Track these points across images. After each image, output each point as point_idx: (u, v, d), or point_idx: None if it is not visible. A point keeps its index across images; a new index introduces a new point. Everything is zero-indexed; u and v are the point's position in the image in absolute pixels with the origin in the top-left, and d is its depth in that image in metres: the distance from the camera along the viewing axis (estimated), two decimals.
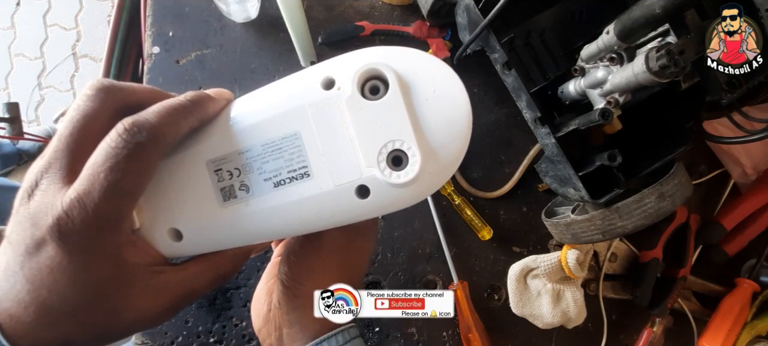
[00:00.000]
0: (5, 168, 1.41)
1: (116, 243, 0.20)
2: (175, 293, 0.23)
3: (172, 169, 0.23)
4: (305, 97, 0.21)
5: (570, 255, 0.51)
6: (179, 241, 0.23)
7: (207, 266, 0.24)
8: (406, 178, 0.20)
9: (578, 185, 0.44)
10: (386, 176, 0.20)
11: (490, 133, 0.57)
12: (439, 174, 0.21)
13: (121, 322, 0.21)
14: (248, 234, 0.23)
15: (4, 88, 1.57)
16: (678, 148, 0.44)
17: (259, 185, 0.21)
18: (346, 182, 0.21)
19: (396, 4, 0.58)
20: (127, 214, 0.21)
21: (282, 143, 0.21)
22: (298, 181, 0.21)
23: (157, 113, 0.20)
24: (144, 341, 0.51)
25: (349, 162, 0.21)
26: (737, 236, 0.58)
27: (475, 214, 0.54)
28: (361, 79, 0.21)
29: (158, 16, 0.57)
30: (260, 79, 0.55)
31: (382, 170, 0.20)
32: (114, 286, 0.21)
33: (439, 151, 0.20)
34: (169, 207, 0.23)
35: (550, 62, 0.49)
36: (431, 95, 0.20)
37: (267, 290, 0.31)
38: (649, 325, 0.56)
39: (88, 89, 0.21)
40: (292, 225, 0.22)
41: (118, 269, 0.21)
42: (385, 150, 0.20)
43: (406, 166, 0.20)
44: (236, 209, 0.22)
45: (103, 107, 0.21)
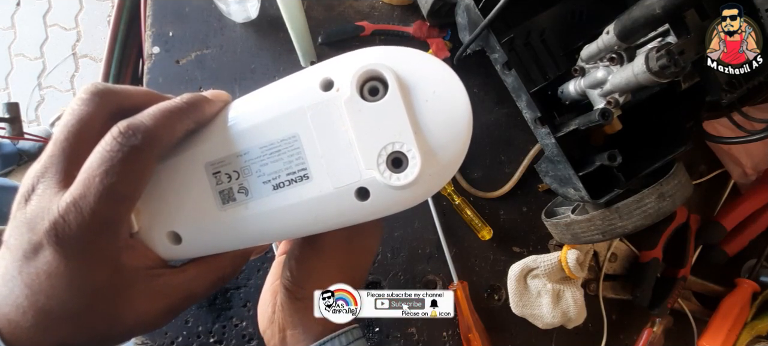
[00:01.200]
0: (5, 168, 1.41)
1: (114, 247, 0.20)
2: (175, 296, 0.23)
3: (170, 171, 0.23)
4: (304, 99, 0.21)
5: (570, 255, 0.51)
6: (178, 244, 0.23)
7: (206, 269, 0.24)
8: (406, 180, 0.20)
9: (578, 185, 0.44)
10: (386, 178, 0.20)
11: (490, 133, 0.57)
12: (439, 175, 0.21)
13: (120, 326, 0.21)
14: (248, 237, 0.23)
15: (4, 88, 1.57)
16: (678, 148, 0.44)
17: (258, 188, 0.21)
18: (345, 184, 0.20)
19: (396, 4, 0.58)
20: (124, 218, 0.21)
21: (281, 146, 0.21)
22: (297, 183, 0.21)
23: (153, 116, 0.20)
24: (144, 342, 0.51)
25: (349, 164, 0.20)
26: (737, 236, 0.58)
27: (475, 214, 0.54)
28: (359, 80, 0.20)
29: (158, 16, 0.57)
30: (260, 79, 0.55)
31: (382, 173, 0.20)
32: (112, 290, 0.21)
33: (439, 152, 0.20)
34: (167, 210, 0.23)
35: (550, 62, 0.49)
36: (431, 96, 0.20)
37: (272, 291, 0.31)
38: (649, 325, 0.56)
39: (82, 93, 0.21)
40: (292, 228, 0.22)
41: (117, 273, 0.21)
42: (385, 152, 0.20)
43: (406, 168, 0.20)
44: (235, 211, 0.22)
45: (98, 111, 0.21)
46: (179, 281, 0.23)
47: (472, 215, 0.54)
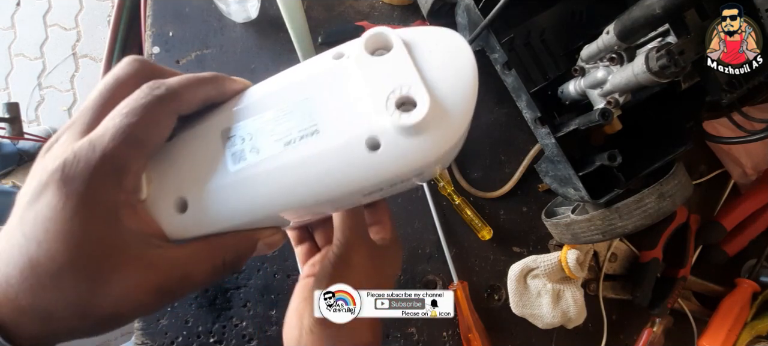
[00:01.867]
0: (5, 168, 1.41)
1: (115, 199, 0.20)
2: (168, 273, 0.21)
3: (186, 141, 0.23)
4: (316, 68, 0.23)
5: (570, 255, 0.51)
6: (183, 212, 0.22)
7: (207, 248, 0.23)
8: (416, 118, 0.20)
9: (578, 185, 0.44)
10: (395, 119, 0.20)
11: (490, 133, 0.57)
12: (449, 125, 0.21)
13: (103, 294, 0.20)
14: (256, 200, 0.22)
15: (4, 88, 1.57)
16: (678, 148, 0.44)
17: (268, 146, 0.22)
18: (355, 134, 0.21)
19: (396, 4, 0.58)
20: (133, 167, 0.20)
21: (293, 107, 0.22)
22: (308, 138, 0.21)
23: (178, 78, 0.22)
24: (144, 342, 0.51)
25: (358, 114, 0.21)
26: (737, 236, 0.58)
27: (475, 214, 0.55)
28: (367, 46, 0.22)
29: (158, 16, 0.57)
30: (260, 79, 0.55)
31: (391, 114, 0.20)
32: (103, 248, 0.19)
33: (447, 97, 0.21)
34: (178, 176, 0.22)
35: (550, 62, 0.49)
36: (434, 47, 0.21)
37: (298, 313, 0.30)
38: (649, 325, 0.56)
39: (124, 60, 0.22)
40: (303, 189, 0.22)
41: (112, 228, 0.20)
42: (393, 96, 0.20)
43: (414, 109, 0.20)
44: (245, 170, 0.22)
45: (135, 75, 0.22)
46: (175, 256, 0.21)
47: (472, 215, 0.54)
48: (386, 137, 0.20)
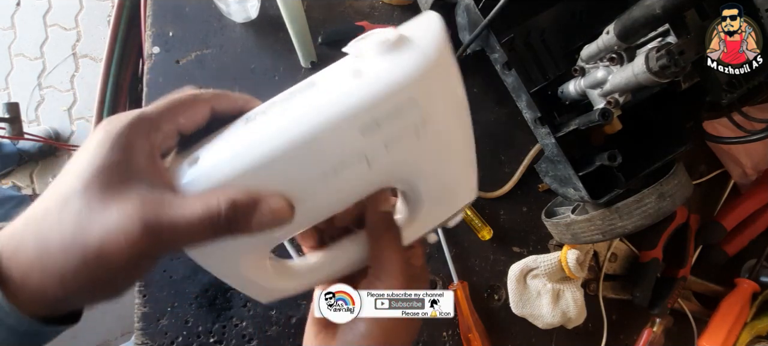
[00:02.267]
0: (5, 168, 1.41)
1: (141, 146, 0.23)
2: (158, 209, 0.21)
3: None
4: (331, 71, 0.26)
5: (570, 255, 0.51)
6: (194, 165, 0.24)
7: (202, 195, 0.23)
8: (388, 37, 0.23)
9: (578, 185, 0.44)
10: (372, 45, 0.23)
11: (490, 133, 0.57)
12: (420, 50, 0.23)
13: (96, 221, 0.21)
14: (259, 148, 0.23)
15: (4, 88, 1.57)
16: (678, 148, 0.44)
17: (276, 106, 0.25)
18: (342, 71, 0.24)
19: (396, 4, 0.58)
20: (164, 126, 0.24)
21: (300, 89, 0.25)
22: (306, 91, 0.25)
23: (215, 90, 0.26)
24: (144, 342, 0.51)
25: (345, 63, 0.25)
26: (737, 236, 0.58)
27: (475, 214, 0.55)
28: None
29: (158, 16, 0.57)
30: (260, 79, 0.55)
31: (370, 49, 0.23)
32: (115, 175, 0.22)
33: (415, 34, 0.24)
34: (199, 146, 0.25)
35: (550, 62, 0.49)
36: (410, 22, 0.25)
37: (315, 330, 0.30)
38: (649, 325, 0.56)
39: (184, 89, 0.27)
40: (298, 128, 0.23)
41: (129, 165, 0.22)
42: (372, 42, 0.24)
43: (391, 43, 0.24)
44: (254, 123, 0.25)
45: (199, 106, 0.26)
46: (172, 197, 0.22)
47: (472, 215, 0.54)
48: (367, 63, 0.24)
